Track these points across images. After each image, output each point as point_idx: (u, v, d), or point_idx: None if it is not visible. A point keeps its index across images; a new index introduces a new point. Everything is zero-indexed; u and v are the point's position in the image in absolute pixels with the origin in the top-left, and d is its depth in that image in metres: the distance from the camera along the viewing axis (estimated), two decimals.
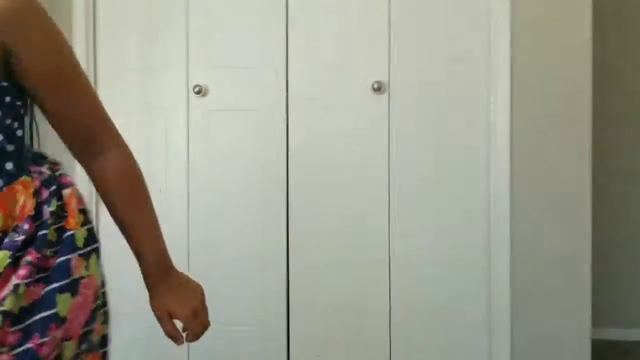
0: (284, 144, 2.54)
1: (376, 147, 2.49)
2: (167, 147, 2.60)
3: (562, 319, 2.41)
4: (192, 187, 2.59)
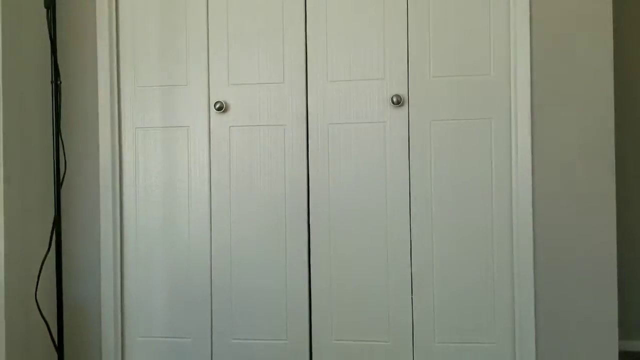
0: (304, 158, 2.56)
1: (396, 159, 2.50)
2: (189, 162, 2.64)
3: (589, 331, 2.39)
4: (215, 199, 2.63)
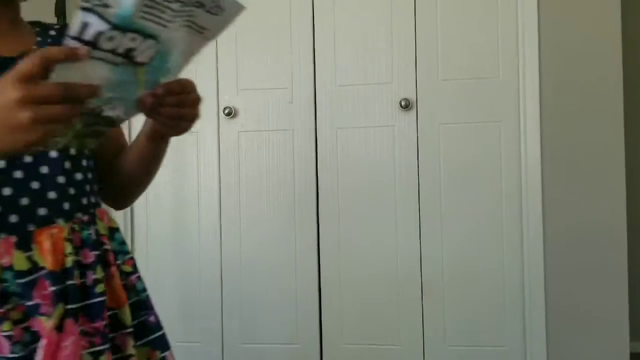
0: (313, 163, 2.57)
1: (405, 163, 2.50)
2: (199, 167, 2.66)
3: (600, 333, 2.38)
4: (224, 204, 2.64)
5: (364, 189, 2.53)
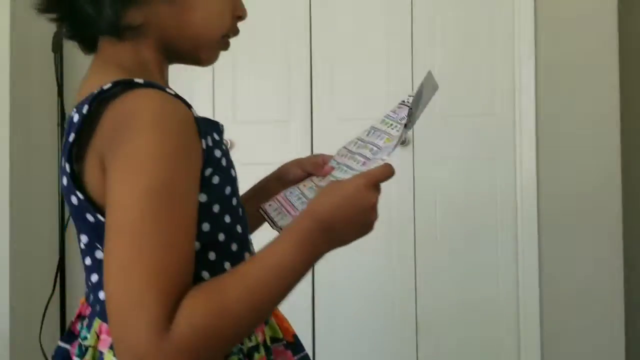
0: None
1: (401, 199, 2.48)
2: None
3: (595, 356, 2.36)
4: None
5: None
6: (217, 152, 0.74)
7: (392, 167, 0.73)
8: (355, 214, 0.70)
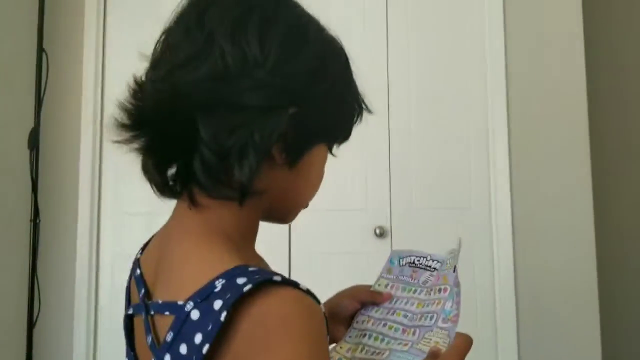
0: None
1: None
2: None
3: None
4: None
5: None
6: None
7: (471, 337, 0.77)
8: None
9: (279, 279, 0.60)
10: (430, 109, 2.55)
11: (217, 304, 0.59)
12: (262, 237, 0.82)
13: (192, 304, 0.61)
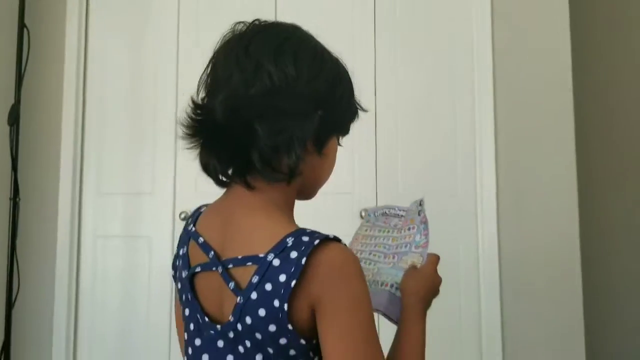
0: None
1: None
2: (150, 272, 2.55)
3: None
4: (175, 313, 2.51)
5: None
6: None
7: (438, 255, 1.11)
8: (434, 287, 1.06)
9: (332, 236, 0.86)
10: (418, 98, 2.55)
11: (293, 254, 0.83)
12: None
13: (272, 254, 0.84)
